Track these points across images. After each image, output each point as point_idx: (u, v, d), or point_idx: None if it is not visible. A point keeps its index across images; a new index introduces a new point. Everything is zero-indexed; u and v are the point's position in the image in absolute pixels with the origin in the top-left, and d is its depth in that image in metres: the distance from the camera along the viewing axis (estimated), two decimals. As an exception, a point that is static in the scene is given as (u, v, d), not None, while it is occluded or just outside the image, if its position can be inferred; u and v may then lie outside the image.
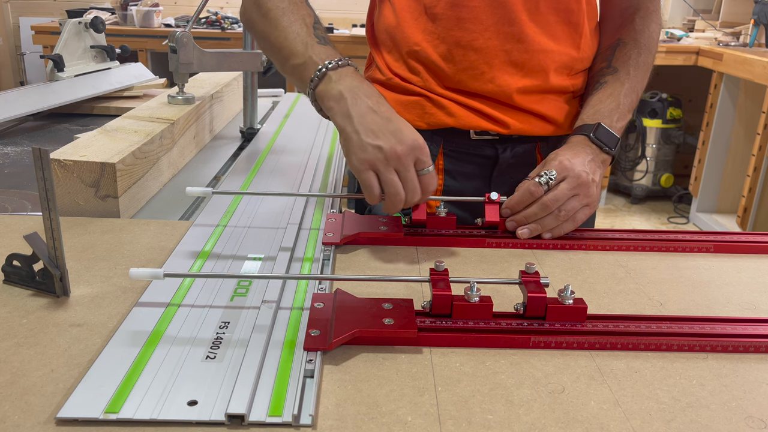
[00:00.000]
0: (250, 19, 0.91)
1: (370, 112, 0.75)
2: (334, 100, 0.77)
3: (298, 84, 0.84)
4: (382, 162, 0.73)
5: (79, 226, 0.82)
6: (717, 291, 0.73)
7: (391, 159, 0.73)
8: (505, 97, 0.94)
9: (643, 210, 3.84)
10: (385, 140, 0.73)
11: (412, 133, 0.75)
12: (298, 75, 0.82)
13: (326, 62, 0.79)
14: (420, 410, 0.50)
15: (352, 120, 0.75)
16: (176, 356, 0.54)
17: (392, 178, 0.74)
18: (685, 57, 3.36)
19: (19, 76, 4.13)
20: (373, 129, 0.74)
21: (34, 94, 1.50)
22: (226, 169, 1.15)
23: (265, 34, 0.87)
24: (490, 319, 0.60)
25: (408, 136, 0.74)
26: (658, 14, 1.02)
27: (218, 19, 3.48)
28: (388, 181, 0.74)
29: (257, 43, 0.95)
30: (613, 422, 0.50)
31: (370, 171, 0.74)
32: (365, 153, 0.73)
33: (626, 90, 0.94)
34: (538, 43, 0.92)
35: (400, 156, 0.73)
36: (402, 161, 0.73)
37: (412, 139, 0.74)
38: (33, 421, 0.47)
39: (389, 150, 0.73)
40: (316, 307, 0.62)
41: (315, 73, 0.79)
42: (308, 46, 0.82)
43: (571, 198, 0.82)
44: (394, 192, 0.74)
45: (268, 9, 0.86)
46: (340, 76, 0.78)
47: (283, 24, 0.84)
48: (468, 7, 0.91)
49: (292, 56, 0.82)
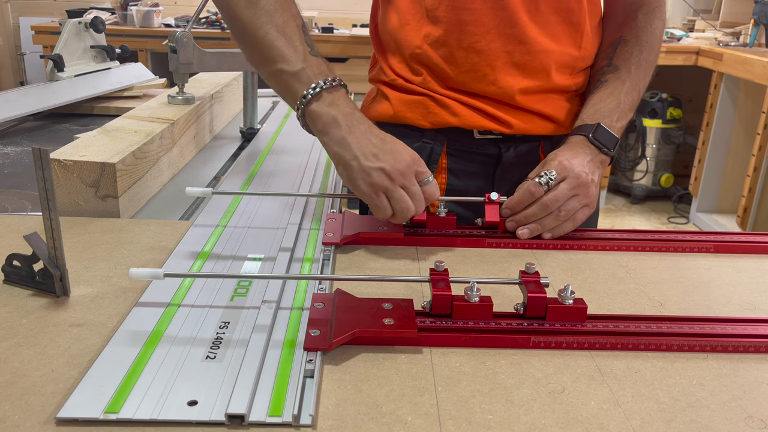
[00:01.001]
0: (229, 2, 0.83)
1: (364, 136, 0.76)
2: (327, 125, 0.77)
3: (279, 91, 0.82)
4: (389, 182, 0.75)
5: (79, 226, 0.82)
6: (717, 291, 0.73)
7: (396, 178, 0.75)
8: (507, 98, 0.94)
9: (643, 210, 3.84)
10: (386, 161, 0.75)
11: (406, 149, 0.78)
12: (285, 83, 0.80)
13: (320, 81, 0.77)
14: (420, 410, 0.50)
15: (350, 147, 0.76)
16: (176, 356, 0.54)
17: (402, 195, 0.76)
18: (685, 57, 3.36)
19: (19, 76, 4.13)
20: (372, 152, 0.75)
21: (34, 94, 1.50)
22: (226, 169, 1.15)
23: (250, 25, 0.81)
24: (490, 319, 0.60)
25: (405, 153, 0.77)
26: (661, 11, 1.01)
27: (218, 19, 3.48)
28: (398, 198, 0.76)
29: (231, 30, 0.87)
30: (613, 422, 0.50)
31: (380, 194, 0.76)
32: (371, 177, 0.75)
33: (627, 89, 0.94)
34: (540, 44, 0.92)
35: (403, 173, 0.75)
36: (406, 177, 0.76)
37: (409, 154, 0.77)
38: (33, 421, 0.47)
39: (392, 170, 0.75)
40: (316, 307, 0.62)
41: (309, 90, 0.77)
42: (302, 55, 0.79)
43: (571, 198, 0.82)
44: (405, 207, 0.76)
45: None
46: (333, 99, 0.78)
47: (276, 21, 0.80)
48: (470, 10, 0.91)
49: (281, 60, 0.79)
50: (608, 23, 1.02)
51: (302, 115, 0.79)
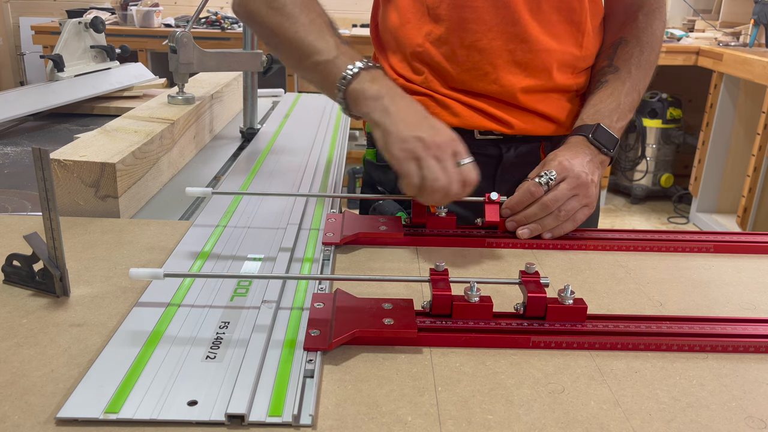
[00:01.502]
0: (252, 10, 0.88)
1: (407, 108, 0.78)
2: (371, 99, 0.78)
3: (318, 81, 0.84)
4: (422, 150, 0.75)
5: (79, 226, 0.82)
6: (717, 291, 0.73)
7: (431, 147, 0.75)
8: (509, 96, 0.94)
9: (643, 210, 3.84)
10: (425, 132, 0.75)
11: (447, 128, 0.78)
12: (323, 72, 0.82)
13: (357, 62, 0.79)
14: (420, 410, 0.50)
15: (390, 115, 0.77)
16: (176, 356, 0.54)
17: (433, 165, 0.74)
18: (685, 57, 3.36)
19: (19, 76, 4.13)
20: (412, 122, 0.76)
21: (34, 94, 1.50)
22: (226, 169, 1.15)
23: (279, 29, 0.85)
24: (490, 319, 0.60)
25: (445, 130, 0.77)
26: (662, 11, 1.01)
27: (218, 19, 3.48)
28: (429, 166, 0.74)
29: (261, 37, 0.92)
30: (613, 422, 0.50)
31: (411, 160, 0.75)
32: (406, 143, 0.75)
33: (627, 89, 0.94)
34: (541, 43, 0.92)
35: (440, 145, 0.75)
36: (442, 150, 0.75)
37: (448, 133, 0.77)
38: (33, 421, 0.47)
39: (429, 140, 0.75)
40: (316, 307, 0.62)
41: (346, 72, 0.79)
42: (334, 45, 0.82)
43: (571, 198, 0.82)
44: (433, 177, 0.74)
45: (282, 3, 0.85)
46: (374, 77, 0.79)
47: (303, 20, 0.83)
48: (471, 8, 0.91)
49: (315, 53, 0.82)
50: (609, 24, 1.02)
51: (344, 97, 0.80)
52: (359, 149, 3.22)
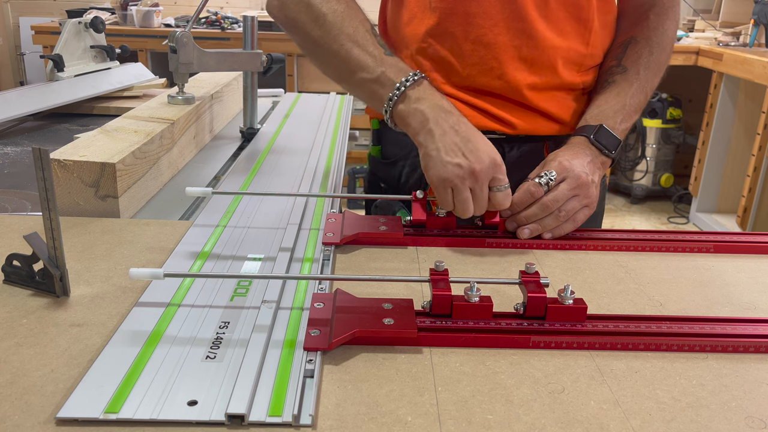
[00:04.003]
0: (294, 18, 0.87)
1: (451, 131, 0.78)
2: (416, 121, 0.80)
3: (365, 99, 0.86)
4: (459, 179, 0.77)
5: (79, 226, 0.82)
6: (717, 291, 0.73)
7: (468, 177, 0.77)
8: (514, 93, 0.94)
9: (643, 210, 3.84)
10: (464, 159, 0.77)
11: (490, 151, 0.78)
12: (370, 91, 0.83)
13: (402, 79, 0.80)
14: (420, 410, 0.50)
15: (434, 138, 0.78)
16: (176, 356, 0.54)
17: (466, 197, 0.78)
18: (685, 57, 3.37)
19: (19, 76, 4.13)
20: (453, 148, 0.77)
21: (34, 94, 1.50)
22: (226, 169, 1.15)
23: (322, 42, 0.85)
24: (490, 319, 0.60)
25: (486, 155, 0.77)
26: (674, 11, 1.00)
27: (218, 19, 3.48)
28: (463, 200, 0.78)
29: (300, 45, 0.91)
30: (613, 422, 0.50)
31: (448, 189, 0.78)
32: (445, 170, 0.77)
33: (634, 90, 0.93)
34: (547, 39, 0.92)
35: (477, 174, 0.77)
36: (478, 180, 0.77)
37: (490, 158, 0.78)
38: (33, 421, 0.47)
39: (467, 168, 0.76)
40: (316, 307, 0.62)
41: (393, 92, 0.80)
42: (378, 60, 0.82)
43: (571, 198, 0.82)
44: (464, 209, 0.78)
45: (324, 13, 0.84)
46: (418, 95, 0.80)
47: (346, 31, 0.83)
48: (477, 2, 0.91)
49: (360, 69, 0.83)
50: (621, 23, 1.01)
51: (390, 117, 0.82)
52: (359, 149, 3.23)
